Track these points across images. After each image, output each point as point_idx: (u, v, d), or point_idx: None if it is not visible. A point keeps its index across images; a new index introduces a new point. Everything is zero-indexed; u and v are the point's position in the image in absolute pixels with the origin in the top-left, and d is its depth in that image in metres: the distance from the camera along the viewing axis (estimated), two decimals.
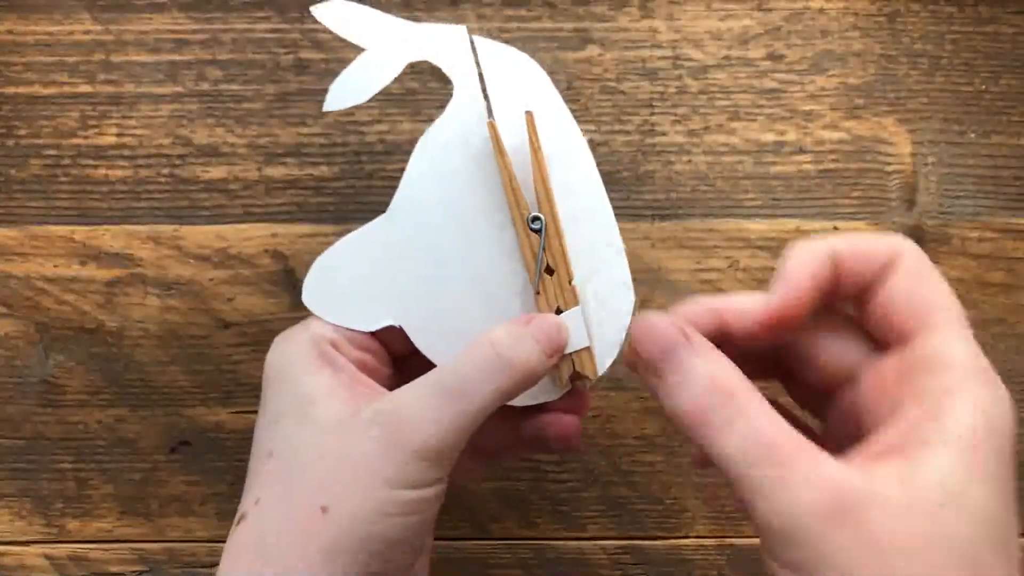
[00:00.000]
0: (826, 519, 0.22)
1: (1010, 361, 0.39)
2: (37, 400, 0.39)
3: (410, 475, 0.27)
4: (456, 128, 0.31)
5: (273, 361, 0.30)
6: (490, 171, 0.31)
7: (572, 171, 0.31)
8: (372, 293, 0.31)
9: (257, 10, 0.39)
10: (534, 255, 0.30)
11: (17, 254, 0.39)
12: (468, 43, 0.32)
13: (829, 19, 0.40)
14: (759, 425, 0.24)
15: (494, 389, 0.28)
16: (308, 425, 0.28)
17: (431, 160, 0.31)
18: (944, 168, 0.40)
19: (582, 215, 0.31)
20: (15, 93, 0.40)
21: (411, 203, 0.31)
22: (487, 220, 0.31)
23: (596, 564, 0.40)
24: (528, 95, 0.32)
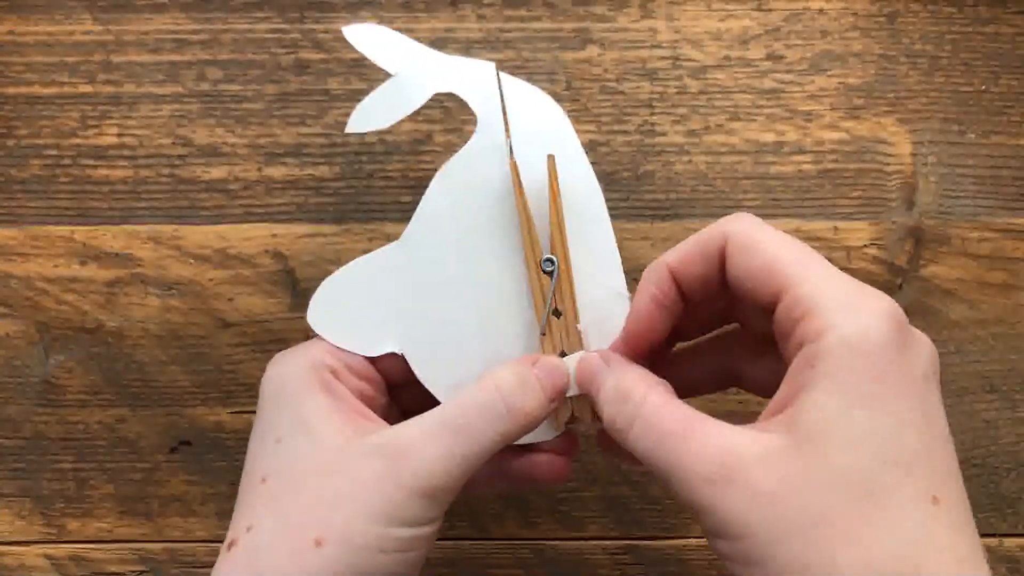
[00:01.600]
0: (717, 486, 0.24)
1: (1010, 361, 0.39)
2: (37, 400, 0.39)
3: (409, 512, 0.27)
4: (477, 163, 0.32)
5: (270, 382, 0.30)
6: (507, 209, 0.31)
7: (586, 218, 0.32)
8: (377, 318, 0.31)
9: (257, 10, 0.40)
10: (543, 297, 0.30)
11: (17, 254, 0.39)
12: (495, 80, 0.32)
13: (829, 19, 0.40)
14: (653, 419, 0.26)
15: (498, 434, 0.28)
16: (304, 451, 0.28)
17: (447, 191, 0.32)
18: (944, 168, 0.40)
19: (592, 261, 0.31)
20: (15, 93, 0.40)
21: (425, 232, 0.32)
22: (499, 257, 0.31)
23: (596, 564, 0.40)
24: (549, 137, 0.32)
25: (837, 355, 0.23)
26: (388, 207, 0.39)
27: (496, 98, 0.32)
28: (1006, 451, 0.39)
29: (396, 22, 0.39)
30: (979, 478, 0.39)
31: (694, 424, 0.25)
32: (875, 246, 0.39)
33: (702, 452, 0.24)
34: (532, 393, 0.29)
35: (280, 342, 0.39)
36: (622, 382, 0.28)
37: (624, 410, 0.27)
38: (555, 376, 0.30)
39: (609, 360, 0.29)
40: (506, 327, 0.31)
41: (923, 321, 0.39)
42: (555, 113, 0.32)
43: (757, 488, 0.23)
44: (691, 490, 0.24)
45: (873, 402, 0.23)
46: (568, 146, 0.32)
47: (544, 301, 0.30)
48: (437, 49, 0.39)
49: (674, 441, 0.25)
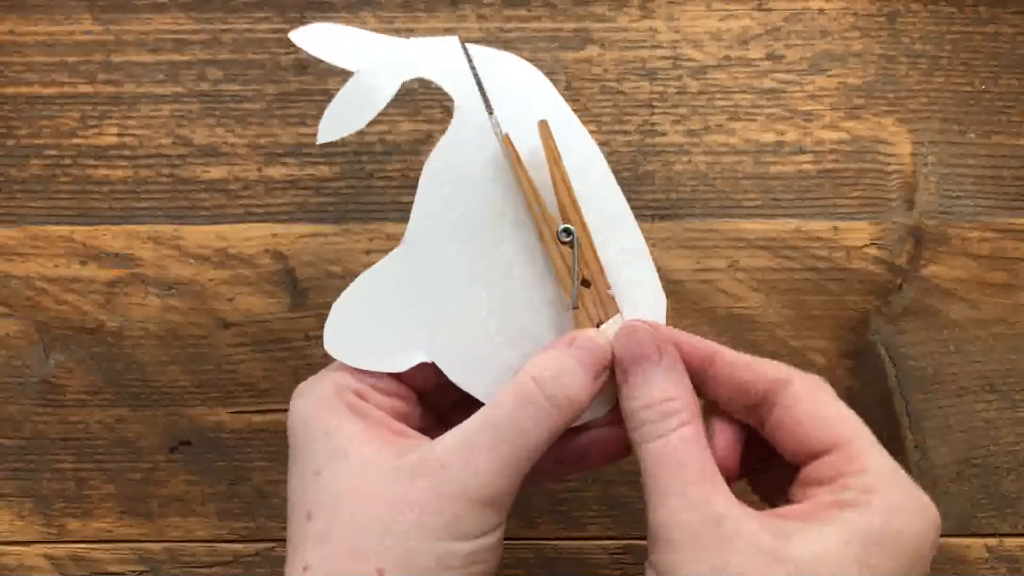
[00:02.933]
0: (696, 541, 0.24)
1: (1010, 361, 0.39)
2: (37, 400, 0.39)
3: (469, 524, 0.26)
4: (463, 145, 0.30)
5: (297, 415, 0.29)
6: (504, 186, 0.29)
7: (589, 177, 0.30)
8: (397, 331, 0.29)
9: (257, 10, 0.40)
10: (568, 269, 0.29)
11: (17, 254, 0.39)
12: (463, 54, 0.30)
13: (829, 19, 0.40)
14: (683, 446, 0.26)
15: (546, 428, 0.27)
16: (346, 481, 0.27)
17: (440, 182, 0.30)
18: (944, 168, 0.40)
19: (605, 221, 0.30)
20: (15, 93, 0.40)
21: (425, 230, 0.30)
22: (508, 239, 0.30)
23: (596, 564, 0.40)
24: (532, 102, 0.30)
25: (869, 522, 0.24)
26: (388, 207, 0.39)
27: (467, 74, 0.30)
28: (1006, 451, 0.39)
29: (396, 22, 0.39)
30: (979, 478, 0.39)
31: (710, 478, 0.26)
32: (875, 246, 0.39)
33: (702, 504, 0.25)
34: (573, 377, 0.27)
35: (280, 342, 0.39)
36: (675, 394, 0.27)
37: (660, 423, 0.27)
38: (596, 352, 0.28)
39: (663, 352, 0.28)
40: (533, 310, 0.29)
41: (923, 321, 0.39)
42: (533, 75, 0.30)
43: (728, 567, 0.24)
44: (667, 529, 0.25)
45: (842, 569, 0.24)
46: (555, 108, 0.30)
47: (570, 273, 0.28)
48: None
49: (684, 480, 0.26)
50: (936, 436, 0.39)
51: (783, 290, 0.39)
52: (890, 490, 0.25)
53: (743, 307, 0.39)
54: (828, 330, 0.39)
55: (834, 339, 0.39)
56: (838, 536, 0.24)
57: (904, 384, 0.39)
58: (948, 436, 0.39)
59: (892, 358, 0.39)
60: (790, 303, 0.39)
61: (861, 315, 0.39)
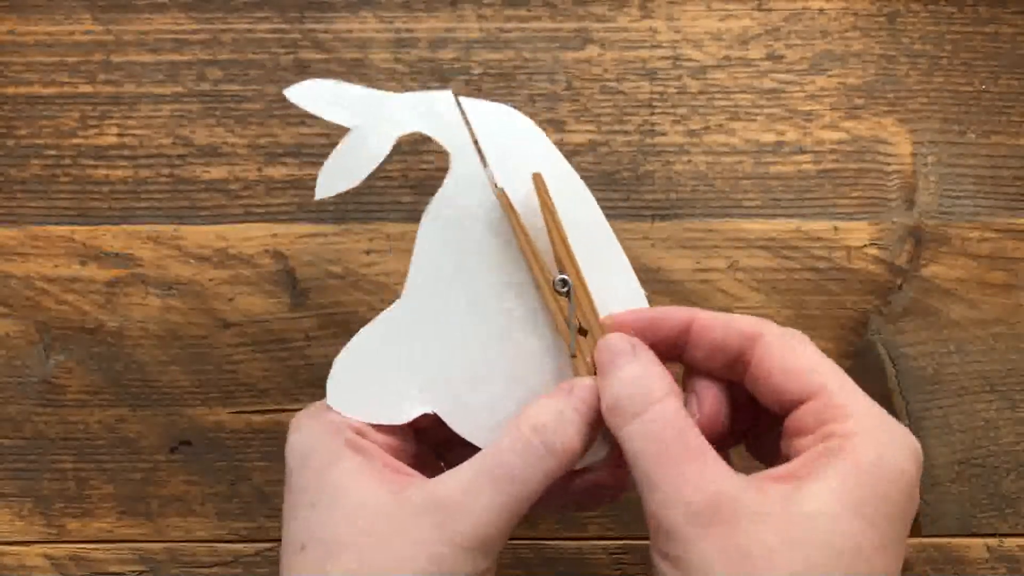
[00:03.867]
0: (700, 521, 0.24)
1: (1010, 361, 0.39)
2: (37, 400, 0.39)
3: (459, 567, 0.26)
4: (460, 199, 0.30)
5: (294, 450, 0.29)
6: (501, 238, 0.30)
7: (584, 227, 0.30)
8: (399, 383, 0.30)
9: (257, 10, 0.40)
10: (564, 318, 0.29)
11: (17, 254, 0.39)
12: (456, 108, 0.31)
13: (829, 19, 0.40)
14: (660, 423, 0.26)
15: (542, 473, 0.27)
16: (341, 516, 0.27)
17: (438, 235, 0.30)
18: (944, 168, 0.40)
19: (600, 270, 0.30)
20: (15, 93, 0.40)
21: (426, 282, 0.30)
22: (507, 290, 0.30)
23: (596, 564, 0.40)
24: (526, 152, 0.31)
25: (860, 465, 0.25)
26: (388, 207, 0.39)
27: (462, 127, 0.31)
28: (1006, 451, 0.39)
29: (396, 22, 0.39)
30: (979, 478, 0.39)
31: (697, 451, 0.26)
32: (875, 246, 0.39)
33: (697, 482, 0.25)
34: (570, 426, 0.28)
35: (280, 342, 0.39)
36: (646, 373, 0.27)
37: (635, 399, 0.27)
38: (589, 400, 0.29)
39: (635, 347, 0.28)
40: (532, 358, 0.30)
41: (923, 321, 0.39)
42: (526, 126, 0.31)
43: (737, 541, 0.24)
44: (667, 514, 0.25)
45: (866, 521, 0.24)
46: (547, 157, 0.31)
47: (566, 321, 0.29)
48: (437, 49, 0.39)
49: (673, 458, 0.26)
50: (936, 436, 0.39)
51: (783, 290, 0.39)
52: (872, 430, 0.26)
53: (743, 307, 0.39)
54: (828, 330, 0.39)
55: (834, 339, 0.39)
56: (832, 488, 0.24)
57: (904, 384, 0.39)
58: (948, 436, 0.39)
59: (892, 358, 0.39)
60: (790, 303, 0.39)
61: (861, 315, 0.39)
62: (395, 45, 0.39)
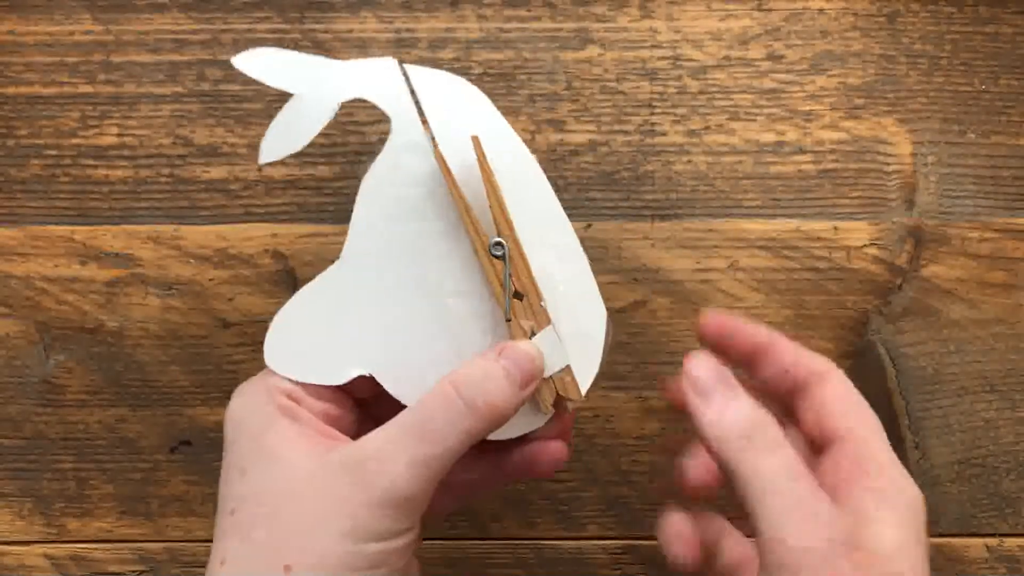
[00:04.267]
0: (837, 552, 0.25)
1: (1010, 361, 0.39)
2: (37, 400, 0.39)
3: (376, 525, 0.26)
4: (401, 163, 0.31)
5: (232, 415, 0.29)
6: (440, 202, 0.30)
7: (525, 190, 0.31)
8: (336, 344, 0.30)
9: (257, 10, 0.40)
10: (500, 282, 0.30)
11: (17, 254, 0.39)
12: (400, 75, 0.31)
13: (829, 19, 0.40)
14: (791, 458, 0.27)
15: (462, 431, 0.27)
16: (269, 479, 0.27)
17: (377, 199, 0.31)
18: (944, 168, 0.40)
19: (541, 233, 0.31)
20: (15, 93, 0.40)
21: (363, 247, 0.31)
22: (445, 254, 0.30)
23: (596, 564, 0.40)
24: (470, 119, 0.31)
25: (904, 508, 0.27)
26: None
27: (405, 93, 0.31)
28: (1006, 451, 0.39)
29: (396, 22, 0.39)
30: (979, 478, 0.39)
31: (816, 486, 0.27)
32: (875, 246, 0.39)
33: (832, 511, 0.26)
34: (496, 384, 0.28)
35: None
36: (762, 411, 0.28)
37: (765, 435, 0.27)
38: (523, 362, 0.29)
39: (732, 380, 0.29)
40: (470, 323, 0.30)
41: (923, 321, 0.39)
42: (470, 92, 0.31)
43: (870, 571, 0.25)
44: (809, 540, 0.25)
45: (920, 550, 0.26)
46: (491, 123, 0.31)
47: (501, 285, 0.29)
48: (437, 49, 0.39)
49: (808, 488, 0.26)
50: (936, 436, 0.39)
51: (783, 290, 0.39)
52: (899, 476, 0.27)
53: (743, 307, 0.39)
54: (828, 330, 0.39)
55: (834, 339, 0.39)
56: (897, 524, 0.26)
57: (904, 384, 0.39)
58: (948, 436, 0.39)
59: (892, 358, 0.39)
60: (790, 303, 0.39)
61: (861, 315, 0.39)
62: (395, 45, 0.39)
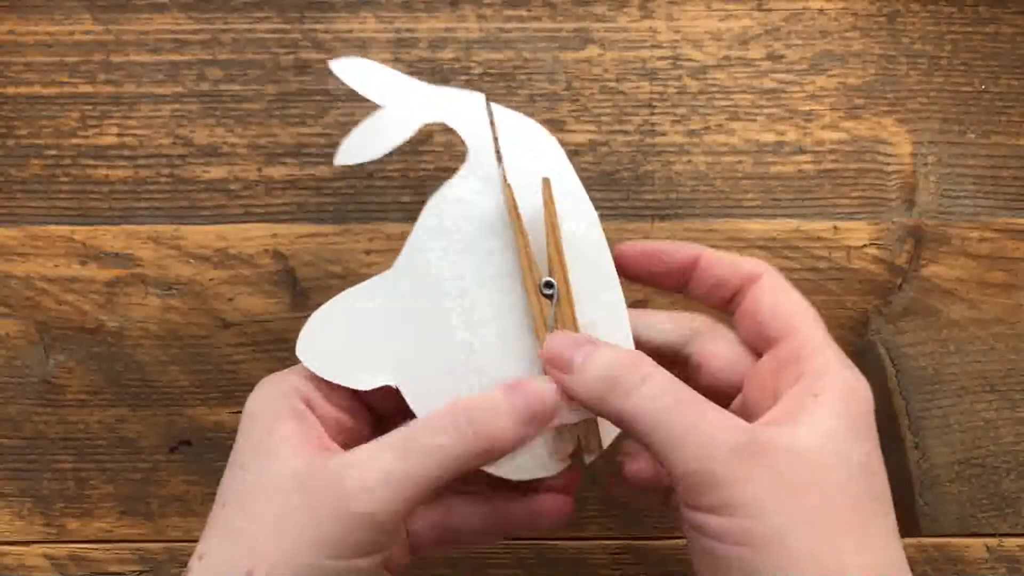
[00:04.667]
0: (742, 459, 0.25)
1: (1010, 361, 0.39)
2: (37, 400, 0.39)
3: (341, 539, 0.26)
4: (469, 191, 0.31)
5: (247, 409, 0.29)
6: (501, 237, 0.31)
7: (585, 245, 0.31)
8: (369, 351, 0.30)
9: (257, 10, 0.40)
10: (544, 320, 0.30)
11: (17, 254, 0.39)
12: (485, 109, 0.32)
13: (829, 19, 0.40)
14: (666, 384, 0.26)
15: (447, 455, 0.27)
16: (258, 477, 0.27)
17: (440, 222, 0.31)
18: (944, 168, 0.40)
19: (591, 287, 0.31)
20: (15, 93, 0.40)
21: (418, 261, 0.31)
22: (494, 285, 0.31)
23: (596, 564, 0.40)
24: (542, 165, 0.31)
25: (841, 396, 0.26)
26: (388, 207, 0.39)
27: (486, 128, 0.31)
28: (1006, 451, 0.39)
29: (396, 22, 0.39)
30: (979, 478, 0.39)
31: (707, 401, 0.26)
32: (875, 246, 0.39)
33: (727, 423, 0.25)
34: (498, 415, 0.27)
35: (280, 342, 0.39)
36: (624, 353, 0.28)
37: (630, 375, 0.27)
38: (532, 399, 0.28)
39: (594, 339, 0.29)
40: (508, 357, 0.30)
41: (923, 321, 0.39)
42: (549, 143, 0.32)
43: (782, 471, 0.24)
44: (708, 458, 0.25)
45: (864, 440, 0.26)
46: (563, 175, 0.31)
47: (544, 324, 0.30)
48: (437, 49, 0.39)
49: (694, 408, 0.26)
50: (936, 436, 0.39)
51: None
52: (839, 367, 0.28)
53: None
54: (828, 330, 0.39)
55: (834, 339, 0.39)
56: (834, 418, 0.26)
57: (904, 384, 0.39)
58: (948, 436, 0.39)
59: (892, 358, 0.39)
60: None
61: (861, 315, 0.39)
62: (395, 45, 0.39)
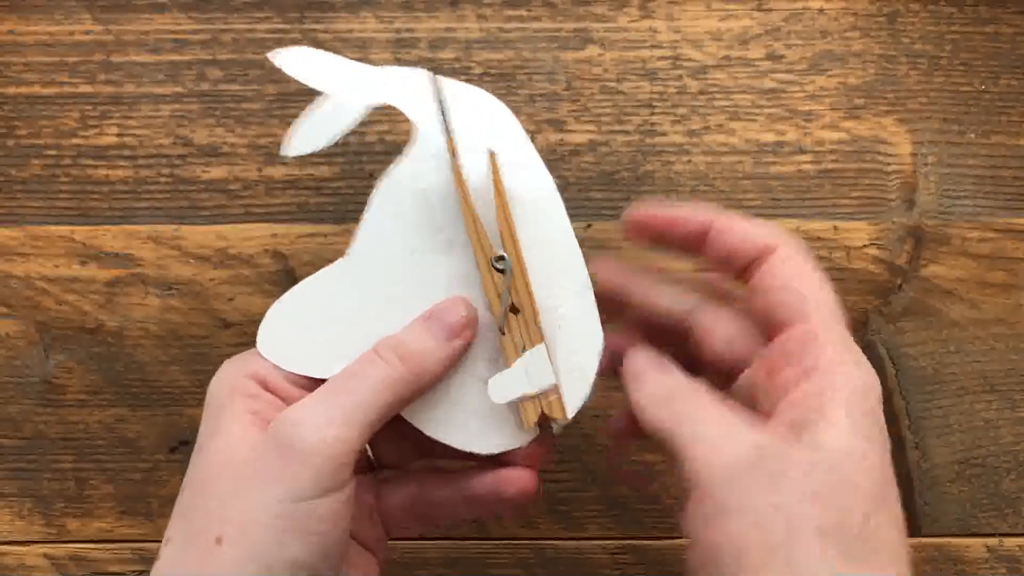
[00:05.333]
0: (750, 471, 0.25)
1: (1010, 361, 0.39)
2: (37, 400, 0.39)
3: (302, 485, 0.26)
4: (419, 171, 0.31)
5: (209, 392, 0.30)
6: (452, 215, 0.31)
7: (543, 219, 0.31)
8: (331, 338, 0.30)
9: (257, 10, 0.40)
10: (498, 295, 0.30)
11: (17, 254, 0.39)
12: (431, 86, 0.32)
13: (829, 19, 0.40)
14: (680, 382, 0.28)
15: (382, 381, 0.28)
16: (214, 460, 0.27)
17: (392, 202, 0.31)
18: (944, 168, 0.40)
19: (551, 260, 0.31)
20: (15, 93, 0.40)
21: (371, 246, 0.31)
22: (450, 265, 0.31)
23: (596, 564, 0.40)
24: (494, 136, 0.31)
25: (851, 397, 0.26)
26: None
27: (432, 104, 0.31)
28: (1006, 451, 0.39)
29: (396, 22, 0.39)
30: (979, 478, 0.39)
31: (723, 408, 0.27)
32: (875, 246, 0.39)
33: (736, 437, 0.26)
34: (417, 336, 0.29)
35: None
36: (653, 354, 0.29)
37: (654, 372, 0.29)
38: (445, 314, 0.29)
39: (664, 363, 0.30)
40: None
41: (923, 321, 0.39)
42: (499, 112, 0.32)
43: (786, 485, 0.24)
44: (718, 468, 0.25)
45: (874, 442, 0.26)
46: (515, 144, 0.31)
47: (499, 298, 0.30)
48: (437, 49, 0.39)
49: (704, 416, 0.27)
50: (936, 436, 0.39)
51: None
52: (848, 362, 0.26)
53: None
54: None
55: None
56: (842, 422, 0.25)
57: (904, 384, 0.39)
58: (948, 436, 0.39)
59: (892, 358, 0.39)
60: None
61: (861, 315, 0.39)
62: (395, 45, 0.39)
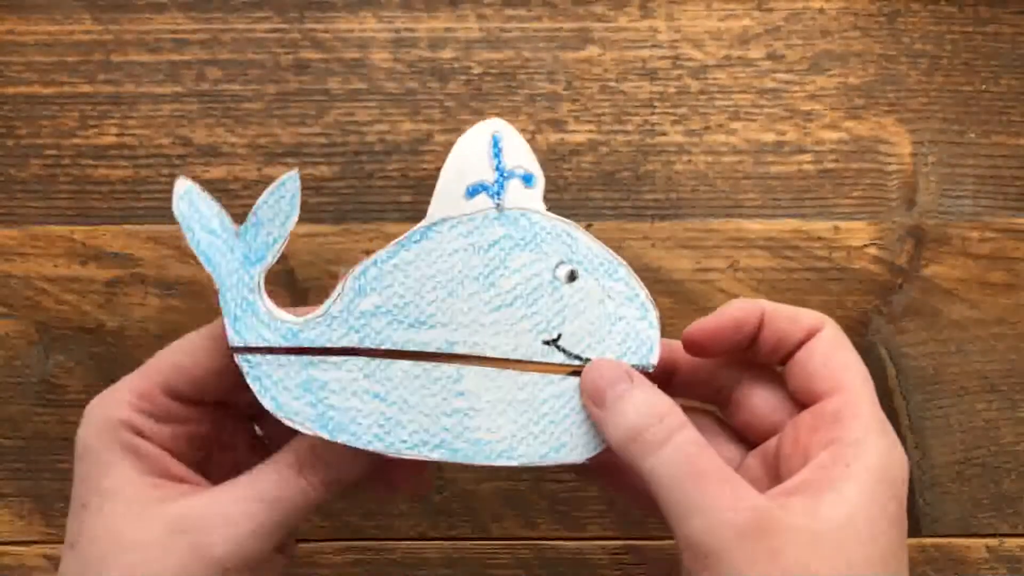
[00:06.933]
0: (745, 540, 0.24)
1: (1010, 361, 0.39)
2: (37, 400, 0.39)
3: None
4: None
5: (78, 443, 0.29)
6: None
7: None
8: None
9: (257, 10, 0.40)
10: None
11: (17, 254, 0.39)
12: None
13: (829, 19, 0.40)
14: (688, 450, 0.26)
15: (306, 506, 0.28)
16: (104, 523, 0.27)
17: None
18: (944, 168, 0.40)
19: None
20: (15, 93, 0.40)
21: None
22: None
23: (596, 564, 0.40)
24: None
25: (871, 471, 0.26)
26: (388, 207, 0.39)
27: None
28: (1006, 451, 0.39)
29: (396, 22, 0.39)
30: (979, 478, 0.39)
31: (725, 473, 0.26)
32: (875, 246, 0.39)
33: (735, 505, 0.25)
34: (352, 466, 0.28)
35: None
36: (657, 400, 0.27)
37: (659, 428, 0.26)
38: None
39: (632, 376, 0.28)
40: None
41: (923, 321, 0.39)
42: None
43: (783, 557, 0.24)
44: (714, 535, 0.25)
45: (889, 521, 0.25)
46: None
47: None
48: (438, 49, 0.39)
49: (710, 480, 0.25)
50: (936, 436, 0.39)
51: (783, 290, 0.39)
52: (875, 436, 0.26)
53: None
54: None
55: None
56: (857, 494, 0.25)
57: (904, 384, 0.39)
58: (948, 436, 0.39)
59: (892, 358, 0.39)
60: (790, 303, 0.39)
61: (861, 315, 0.39)
62: (395, 45, 0.39)
